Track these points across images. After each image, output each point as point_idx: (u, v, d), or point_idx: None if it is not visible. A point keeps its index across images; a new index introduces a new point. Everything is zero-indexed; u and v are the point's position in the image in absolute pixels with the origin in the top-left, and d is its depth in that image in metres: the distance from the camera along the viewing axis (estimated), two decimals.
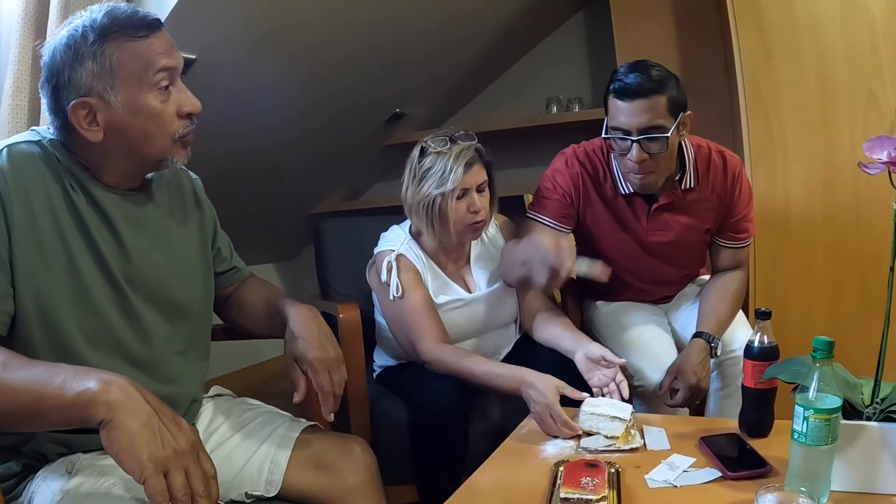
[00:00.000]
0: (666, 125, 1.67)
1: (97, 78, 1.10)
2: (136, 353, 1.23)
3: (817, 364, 1.06)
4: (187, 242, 1.38)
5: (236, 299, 1.54)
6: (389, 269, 1.85)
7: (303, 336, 1.29)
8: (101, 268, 1.19)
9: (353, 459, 1.35)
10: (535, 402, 1.52)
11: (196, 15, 1.88)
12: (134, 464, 0.89)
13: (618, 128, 1.71)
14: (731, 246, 1.99)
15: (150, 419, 0.93)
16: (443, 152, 1.78)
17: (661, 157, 1.72)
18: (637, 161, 1.71)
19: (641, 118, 1.66)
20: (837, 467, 1.09)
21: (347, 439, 1.40)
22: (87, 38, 1.10)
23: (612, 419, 1.42)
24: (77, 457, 1.17)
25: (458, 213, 1.80)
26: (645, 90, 1.65)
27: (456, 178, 1.75)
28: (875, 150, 1.04)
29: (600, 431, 1.42)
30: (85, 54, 1.10)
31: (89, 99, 1.11)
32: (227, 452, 1.34)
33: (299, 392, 1.28)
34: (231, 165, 2.70)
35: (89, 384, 0.92)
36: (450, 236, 1.85)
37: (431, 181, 1.78)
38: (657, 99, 1.66)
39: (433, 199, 1.79)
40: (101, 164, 1.19)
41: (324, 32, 2.30)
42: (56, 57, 1.11)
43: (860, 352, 2.17)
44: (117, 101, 1.12)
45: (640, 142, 1.68)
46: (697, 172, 1.87)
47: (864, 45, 2.21)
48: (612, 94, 1.72)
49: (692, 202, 1.89)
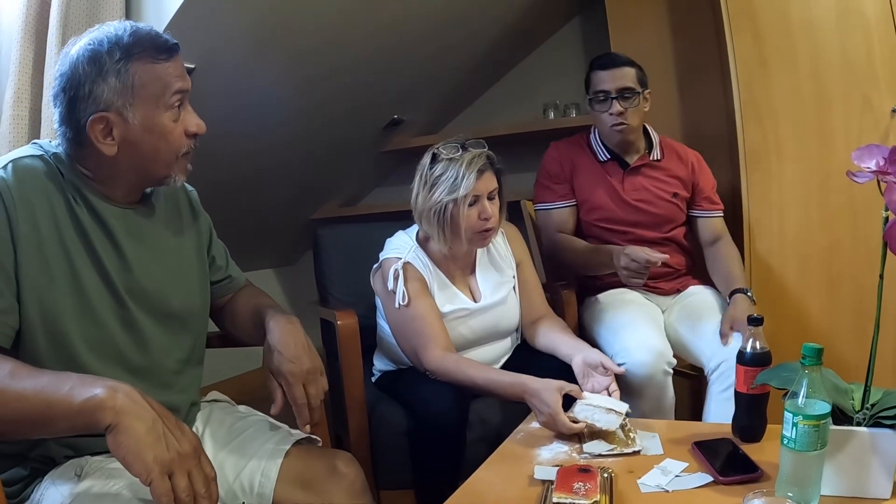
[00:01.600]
0: (636, 88, 2.17)
1: (118, 94, 1.14)
2: (135, 363, 1.25)
3: (806, 370, 1.07)
4: (185, 253, 1.40)
5: (230, 309, 1.56)
6: (396, 278, 1.86)
7: (278, 349, 1.31)
8: (104, 279, 1.21)
9: (337, 478, 1.35)
10: (541, 413, 1.54)
11: (194, 25, 1.90)
12: (140, 466, 0.92)
13: (599, 91, 2.19)
14: (704, 215, 2.32)
15: (154, 424, 0.96)
16: (455, 159, 1.80)
17: (633, 113, 2.18)
18: (616, 113, 2.16)
19: (618, 82, 2.16)
20: (827, 472, 1.10)
21: (331, 456, 1.40)
22: (112, 54, 1.13)
23: (607, 411, 1.46)
24: (85, 460, 1.19)
25: (469, 219, 1.81)
26: (619, 62, 2.19)
27: (468, 184, 1.77)
28: (864, 158, 1.05)
29: (596, 423, 1.45)
30: (109, 70, 1.13)
31: (108, 114, 1.14)
32: (219, 463, 1.35)
33: (275, 405, 1.31)
34: (230, 172, 2.71)
35: (96, 391, 0.96)
36: (460, 243, 1.86)
37: (443, 188, 1.79)
38: (628, 69, 2.18)
39: (445, 205, 1.80)
40: (108, 177, 1.22)
41: (322, 39, 2.31)
42: (78, 69, 1.14)
43: (855, 356, 2.21)
44: (135, 119, 1.16)
45: (618, 98, 2.16)
46: (662, 150, 2.32)
47: (859, 49, 2.22)
48: (595, 69, 2.22)
49: (659, 171, 2.30)
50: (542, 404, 1.53)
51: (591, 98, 2.24)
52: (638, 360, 1.89)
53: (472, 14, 2.70)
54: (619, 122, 2.18)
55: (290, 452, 1.36)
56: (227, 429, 1.43)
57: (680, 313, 2.20)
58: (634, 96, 2.17)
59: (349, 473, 1.37)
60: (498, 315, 1.97)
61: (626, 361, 1.90)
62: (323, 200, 3.66)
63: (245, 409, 1.53)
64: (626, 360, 1.90)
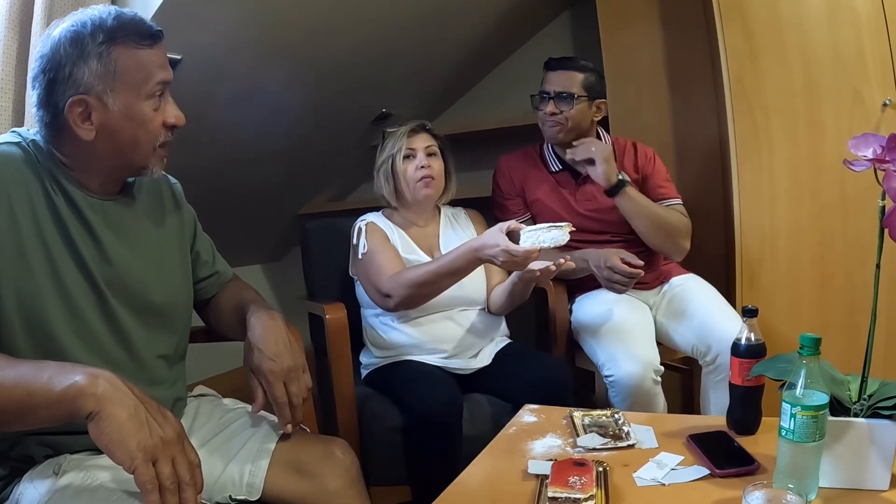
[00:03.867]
0: (576, 93, 2.20)
1: (99, 78, 1.11)
2: (116, 357, 1.23)
3: (804, 361, 1.05)
4: (167, 247, 1.37)
5: (214, 304, 1.54)
6: (359, 233, 2.07)
7: (258, 346, 1.30)
8: (82, 271, 1.18)
9: (333, 463, 1.34)
10: (495, 256, 1.73)
11: (181, 15, 1.86)
12: (124, 453, 0.91)
13: (542, 91, 2.25)
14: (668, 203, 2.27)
15: (137, 410, 0.95)
16: (397, 130, 2.13)
17: (568, 115, 2.21)
18: (549, 113, 2.22)
19: (558, 85, 2.21)
20: (825, 464, 1.09)
21: (328, 442, 1.39)
22: (95, 37, 1.11)
23: (549, 229, 1.69)
24: (64, 457, 1.17)
25: (407, 172, 2.07)
26: (566, 65, 2.23)
27: (402, 141, 2.08)
28: (860, 147, 1.04)
29: (544, 243, 1.67)
30: (91, 53, 1.10)
31: (88, 97, 1.11)
32: (207, 455, 1.33)
33: (255, 404, 1.30)
34: (216, 166, 2.68)
35: (76, 378, 0.94)
36: (406, 197, 2.10)
37: (386, 150, 2.11)
38: (574, 74, 2.21)
39: (387, 161, 2.10)
40: (85, 164, 1.19)
41: (310, 33, 2.28)
42: (59, 50, 1.11)
43: (847, 349, 2.21)
44: (115, 105, 1.13)
45: (554, 99, 2.20)
46: (615, 155, 2.26)
47: (850, 44, 2.21)
48: (545, 69, 2.28)
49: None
50: (491, 248, 1.73)
51: (534, 96, 2.29)
52: (625, 370, 1.90)
53: (461, 9, 2.68)
54: (552, 122, 2.23)
55: (282, 441, 1.34)
56: (215, 421, 1.42)
57: (667, 309, 2.21)
58: (571, 100, 2.20)
59: (345, 459, 1.36)
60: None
61: (613, 373, 1.93)
62: (311, 195, 3.64)
63: (231, 402, 1.51)
64: (613, 372, 1.93)
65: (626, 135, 2.65)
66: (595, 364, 2.04)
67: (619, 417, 1.47)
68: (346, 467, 1.35)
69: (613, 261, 2.03)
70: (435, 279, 1.87)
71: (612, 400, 1.93)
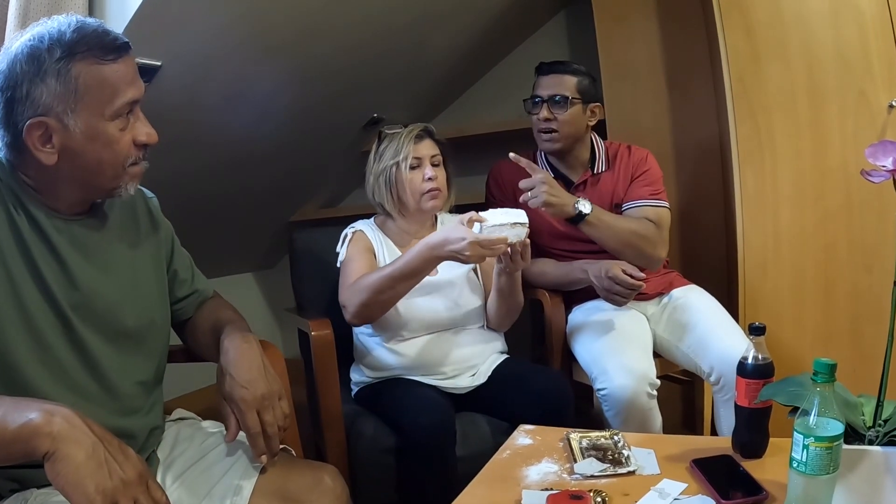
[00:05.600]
0: (570, 96, 2.13)
1: (59, 99, 1.03)
2: (85, 387, 1.16)
3: (818, 388, 0.98)
4: (140, 267, 1.30)
5: (191, 324, 1.48)
6: (343, 240, 2.00)
7: (230, 372, 1.23)
8: (46, 296, 1.11)
9: (323, 491, 1.27)
10: (461, 251, 1.65)
11: (161, 19, 1.79)
12: (81, 497, 0.87)
13: (534, 95, 2.19)
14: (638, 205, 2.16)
15: (95, 449, 0.90)
16: (397, 133, 1.99)
17: (562, 121, 2.14)
18: (543, 118, 2.15)
19: (551, 89, 2.15)
20: (839, 493, 1.02)
21: (316, 468, 1.32)
22: (52, 52, 1.03)
23: (513, 226, 1.68)
24: (31, 492, 1.12)
25: (413, 182, 1.95)
26: (558, 69, 2.17)
27: (408, 148, 1.95)
28: (878, 156, 0.96)
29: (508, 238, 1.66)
30: (48, 70, 1.02)
31: (47, 119, 1.04)
32: (189, 482, 1.27)
33: (229, 433, 1.23)
34: (202, 173, 2.61)
35: (31, 415, 0.89)
36: (409, 208, 1.99)
37: (388, 155, 1.97)
38: (566, 77, 2.15)
39: (390, 169, 1.96)
40: (49, 187, 1.12)
41: (298, 36, 2.22)
42: (16, 67, 1.03)
43: (852, 357, 2.16)
44: (76, 126, 1.05)
45: (548, 103, 2.13)
46: (608, 160, 2.25)
47: (854, 43, 2.15)
48: (536, 74, 2.22)
49: (604, 183, 2.22)
50: (456, 242, 1.65)
51: (526, 101, 2.23)
52: (618, 383, 1.83)
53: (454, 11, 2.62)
54: (546, 129, 2.16)
55: (269, 465, 1.27)
56: (196, 447, 1.35)
57: (667, 324, 2.14)
58: (565, 103, 2.13)
59: (335, 487, 1.29)
60: (457, 294, 1.97)
61: (606, 386, 1.85)
62: (302, 202, 3.58)
63: (211, 424, 1.44)
64: (606, 385, 1.85)
65: (624, 136, 2.60)
66: (589, 377, 1.97)
67: (618, 439, 1.39)
68: (336, 495, 1.28)
69: (615, 271, 1.96)
70: (391, 283, 1.76)
71: (605, 415, 1.86)
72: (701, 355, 1.96)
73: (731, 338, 1.91)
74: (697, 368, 1.98)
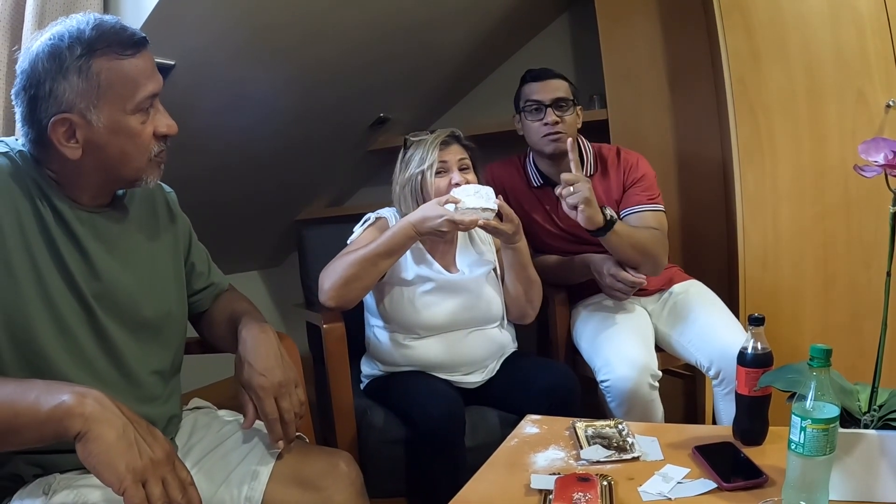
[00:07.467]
0: (569, 98, 2.15)
1: (81, 95, 1.07)
2: (106, 374, 1.19)
3: (814, 372, 1.02)
4: (160, 259, 1.33)
5: (208, 316, 1.51)
6: (364, 222, 1.98)
7: (248, 360, 1.27)
8: (70, 285, 1.15)
9: (338, 476, 1.31)
10: (439, 228, 1.72)
11: (175, 19, 1.83)
12: (112, 475, 0.90)
13: (533, 101, 2.15)
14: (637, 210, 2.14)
15: (125, 430, 0.94)
16: (423, 139, 1.94)
17: (567, 122, 2.14)
18: (551, 122, 2.11)
19: (552, 93, 2.13)
20: (836, 476, 1.07)
21: (332, 454, 1.36)
22: (73, 50, 1.06)
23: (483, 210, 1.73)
24: (53, 477, 1.14)
25: (439, 189, 1.89)
26: (553, 74, 2.18)
27: (434, 154, 1.90)
28: (871, 152, 1.01)
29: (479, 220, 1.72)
30: (70, 68, 1.06)
31: (70, 115, 1.07)
32: (207, 468, 1.31)
33: (246, 419, 1.27)
34: (212, 171, 2.65)
35: (63, 397, 0.92)
36: None
37: (415, 163, 1.92)
38: (561, 82, 2.17)
39: (415, 177, 1.91)
40: (73, 180, 1.15)
41: (306, 37, 2.26)
42: (38, 66, 1.06)
43: (851, 352, 2.19)
44: (99, 121, 1.08)
45: (552, 107, 2.11)
46: (597, 163, 2.24)
47: (853, 43, 2.18)
48: (528, 81, 2.19)
49: (595, 188, 2.10)
50: (434, 219, 1.72)
51: (523, 108, 2.19)
52: (620, 374, 1.87)
53: (458, 12, 2.65)
54: (554, 132, 2.12)
55: (284, 453, 1.31)
56: (212, 435, 1.39)
57: (668, 318, 2.17)
58: (569, 106, 2.14)
59: (350, 472, 1.33)
60: (476, 295, 1.96)
61: (608, 377, 1.89)
62: (308, 200, 3.61)
63: (227, 413, 1.48)
64: (609, 376, 1.89)
65: (625, 136, 2.64)
66: (592, 369, 2.01)
67: (623, 428, 1.43)
68: (351, 480, 1.32)
69: (616, 269, 2.00)
70: (374, 260, 1.78)
71: (608, 406, 1.90)
72: (701, 349, 1.99)
73: (730, 332, 1.94)
74: (697, 362, 2.01)
